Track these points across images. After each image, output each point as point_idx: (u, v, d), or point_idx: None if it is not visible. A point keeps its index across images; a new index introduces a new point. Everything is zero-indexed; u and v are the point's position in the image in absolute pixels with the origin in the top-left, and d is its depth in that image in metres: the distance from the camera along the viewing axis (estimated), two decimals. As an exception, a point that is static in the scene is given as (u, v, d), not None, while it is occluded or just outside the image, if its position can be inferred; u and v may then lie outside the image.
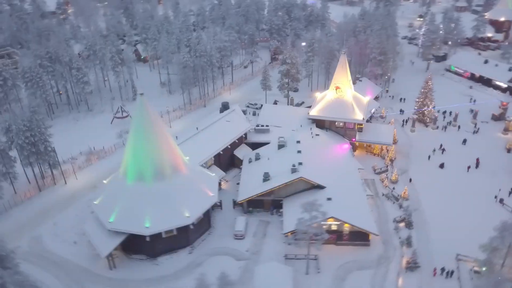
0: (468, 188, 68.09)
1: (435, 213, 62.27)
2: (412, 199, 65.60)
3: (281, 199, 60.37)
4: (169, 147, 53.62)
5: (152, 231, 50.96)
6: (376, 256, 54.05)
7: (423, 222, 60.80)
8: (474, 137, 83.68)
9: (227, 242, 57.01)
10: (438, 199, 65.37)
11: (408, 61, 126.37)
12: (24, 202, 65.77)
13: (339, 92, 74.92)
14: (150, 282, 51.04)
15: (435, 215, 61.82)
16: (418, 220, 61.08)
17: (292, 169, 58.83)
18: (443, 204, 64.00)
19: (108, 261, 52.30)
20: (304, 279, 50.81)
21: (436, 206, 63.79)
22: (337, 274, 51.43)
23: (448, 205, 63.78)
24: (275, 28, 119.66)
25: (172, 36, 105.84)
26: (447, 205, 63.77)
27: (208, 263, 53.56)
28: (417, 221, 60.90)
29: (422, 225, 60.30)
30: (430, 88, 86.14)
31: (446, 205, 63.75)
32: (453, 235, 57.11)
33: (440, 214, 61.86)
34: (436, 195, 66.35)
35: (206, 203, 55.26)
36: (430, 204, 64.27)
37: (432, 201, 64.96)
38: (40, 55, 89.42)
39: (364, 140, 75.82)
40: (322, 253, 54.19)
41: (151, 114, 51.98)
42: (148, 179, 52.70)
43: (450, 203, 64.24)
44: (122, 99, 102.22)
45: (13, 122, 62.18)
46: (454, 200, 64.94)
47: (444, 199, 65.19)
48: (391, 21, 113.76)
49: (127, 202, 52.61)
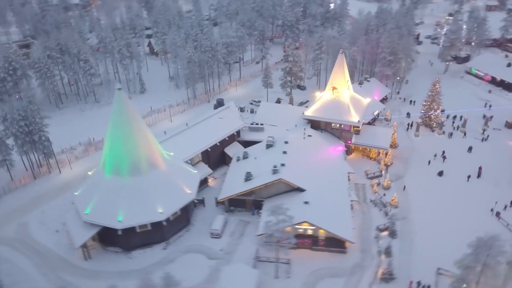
0: (465, 198, 64.70)
1: (424, 224, 59.54)
2: (402, 207, 63.06)
3: (262, 200, 59.55)
4: (146, 142, 53.86)
5: (124, 225, 51.54)
6: (351, 264, 52.36)
7: (409, 232, 58.33)
8: (482, 145, 79.40)
9: (203, 240, 56.87)
10: (430, 208, 62.50)
11: (426, 62, 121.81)
12: (18, 189, 68.18)
13: (335, 92, 72.89)
14: (121, 275, 51.61)
15: (423, 226, 59.13)
16: (404, 230, 58.68)
17: (273, 170, 57.84)
18: (435, 215, 61.14)
19: (83, 252, 53.37)
20: (272, 283, 49.94)
21: (427, 216, 60.98)
22: (308, 280, 50.20)
23: (439, 216, 60.84)
24: (288, 25, 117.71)
25: (181, 31, 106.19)
26: (439, 216, 60.83)
27: (180, 260, 53.68)
28: (403, 230, 58.53)
29: (407, 235, 57.85)
30: (438, 91, 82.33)
31: (437, 216, 60.85)
32: (438, 248, 54.55)
33: (429, 225, 59.10)
34: (429, 204, 63.45)
35: (182, 200, 55.23)
36: (420, 214, 61.55)
37: (423, 210, 62.19)
38: (50, 46, 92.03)
39: (360, 143, 73.51)
40: (296, 257, 53.30)
41: (128, 109, 52.35)
42: (124, 173, 53.25)
43: (442, 214, 61.25)
44: (130, 91, 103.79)
45: (9, 111, 64.23)
46: (447, 211, 61.87)
47: (437, 209, 62.24)
48: (407, 20, 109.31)
49: (103, 195, 53.44)
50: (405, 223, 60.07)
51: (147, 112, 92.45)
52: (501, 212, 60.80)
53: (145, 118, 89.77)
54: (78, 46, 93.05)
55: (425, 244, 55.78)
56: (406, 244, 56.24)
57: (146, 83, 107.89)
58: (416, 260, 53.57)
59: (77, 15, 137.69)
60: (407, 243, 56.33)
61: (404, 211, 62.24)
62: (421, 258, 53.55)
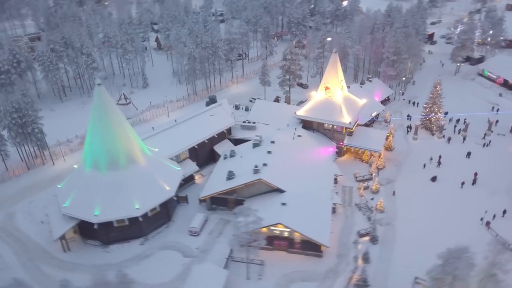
0: (456, 206, 62.42)
1: (408, 230, 57.75)
2: (388, 212, 61.42)
3: (244, 199, 59.11)
4: (125, 138, 54.17)
5: (100, 220, 52.13)
6: (326, 269, 51.36)
7: (391, 238, 56.77)
8: (482, 150, 76.53)
9: (181, 237, 56.92)
10: (417, 215, 60.60)
11: (438, 62, 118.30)
12: (11, 179, 70.00)
13: (328, 92, 71.50)
14: (96, 268, 51.96)
15: (407, 232, 57.37)
16: (386, 236, 57.19)
17: (254, 170, 57.28)
18: (421, 222, 59.19)
19: (62, 244, 54.29)
20: (242, 284, 49.57)
21: (413, 222, 59.09)
22: (279, 283, 49.56)
23: (426, 223, 58.88)
24: (294, 22, 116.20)
25: (185, 26, 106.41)
26: (425, 223, 58.86)
27: (156, 256, 53.96)
28: (385, 236, 57.06)
29: (389, 241, 56.31)
30: (439, 93, 79.64)
31: (424, 223, 58.87)
32: (419, 256, 52.28)
33: (413, 232, 57.26)
34: (417, 210, 61.57)
35: (160, 197, 55.38)
36: (406, 220, 59.78)
37: (410, 216, 60.35)
38: (54, 40, 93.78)
39: (352, 144, 71.97)
40: (271, 259, 52.83)
41: (108, 104, 52.68)
42: (103, 168, 53.79)
43: (429, 221, 59.28)
44: (132, 86, 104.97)
45: (2, 103, 65.83)
46: (435, 218, 59.83)
47: (424, 216, 60.28)
48: (416, 19, 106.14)
49: (82, 189, 54.18)
50: (389, 229, 58.52)
51: (147, 107, 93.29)
52: (491, 222, 58.36)
53: (143, 113, 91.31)
54: (81, 40, 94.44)
55: (406, 251, 54.14)
56: (387, 250, 54.77)
57: (150, 78, 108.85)
58: (395, 268, 52.11)
59: (90, 9, 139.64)
60: (387, 250, 54.86)
61: (390, 217, 60.62)
62: (400, 266, 52.05)
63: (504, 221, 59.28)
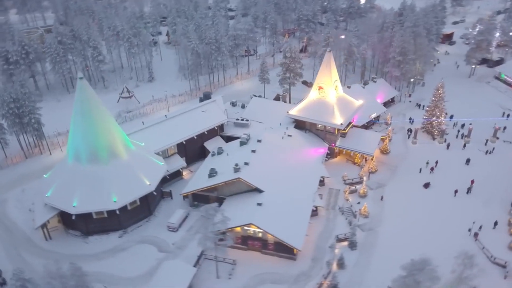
0: (446, 215, 60.15)
1: (391, 237, 56.08)
2: (373, 217, 59.83)
3: (224, 197, 58.90)
4: (107, 132, 54.82)
5: (78, 211, 53.13)
6: (297, 272, 50.55)
7: (372, 245, 55.27)
8: (484, 158, 73.25)
9: (160, 232, 57.33)
10: (403, 222, 58.70)
11: (453, 63, 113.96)
12: (9, 167, 72.37)
13: (321, 92, 70.09)
14: (71, 258, 52.65)
15: (389, 239, 55.72)
16: (367, 242, 55.73)
17: (234, 169, 56.90)
18: (406, 229, 57.28)
19: (43, 232, 55.71)
20: (212, 283, 49.50)
21: (397, 230, 57.33)
22: (248, 284, 49.19)
23: (411, 231, 56.92)
24: (304, 19, 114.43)
25: (191, 22, 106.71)
26: (410, 231, 56.90)
27: (132, 250, 54.61)
28: (365, 242, 55.62)
29: (369, 247, 54.84)
30: (441, 96, 76.66)
31: (408, 231, 56.93)
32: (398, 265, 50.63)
33: (396, 239, 55.52)
34: (404, 217, 59.63)
35: (139, 191, 55.87)
36: (390, 227, 58.07)
37: (395, 223, 58.58)
38: (62, 32, 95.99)
39: (344, 146, 70.37)
40: (244, 259, 52.59)
41: (90, 98, 53.39)
42: (84, 161, 54.72)
43: (415, 229, 57.28)
44: (138, 79, 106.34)
45: (0, 93, 68.02)
46: (422, 227, 57.76)
47: (410, 224, 58.31)
48: (429, 18, 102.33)
49: (64, 180, 55.35)
50: (371, 234, 57.01)
51: (148, 101, 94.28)
52: (479, 233, 55.86)
53: (144, 107, 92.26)
54: (88, 33, 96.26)
55: (385, 259, 52.40)
56: (365, 257, 53.38)
57: (158, 72, 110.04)
58: (370, 275, 50.75)
59: (106, 2, 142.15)
60: (365, 256, 53.46)
61: (374, 222, 59.02)
62: (376, 273, 50.60)
63: (495, 233, 56.74)
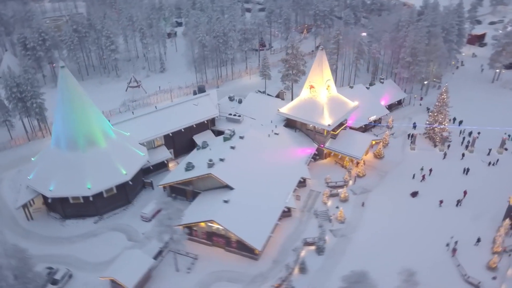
0: (428, 226, 57.09)
1: (364, 245, 54.10)
2: (349, 224, 57.96)
3: (199, 192, 59.18)
4: (86, 120, 56.44)
5: (53, 195, 55.36)
6: (256, 273, 50.02)
7: (341, 252, 53.55)
8: (486, 169, 68.79)
9: (133, 221, 58.54)
10: (380, 231, 56.38)
11: (478, 66, 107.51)
12: (12, 148, 76.44)
13: (312, 91, 68.41)
14: (46, 240, 55.72)
15: (362, 247, 53.75)
16: (337, 248, 54.10)
17: (208, 164, 56.94)
18: (382, 238, 55.01)
19: (25, 213, 58.53)
20: (170, 275, 50.04)
21: (372, 238, 55.21)
22: (204, 280, 49.31)
23: (387, 241, 54.60)
24: (320, 15, 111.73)
25: (204, 14, 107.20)
26: (386, 240, 54.60)
27: (103, 236, 56.21)
28: (336, 248, 54.02)
29: (338, 254, 53.18)
30: (445, 102, 72.55)
31: (384, 240, 54.65)
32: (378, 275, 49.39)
33: (368, 248, 53.50)
34: (382, 226, 57.22)
35: (114, 180, 57.27)
36: (365, 234, 55.96)
37: (372, 231, 56.39)
38: (78, 21, 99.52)
39: (332, 148, 68.52)
40: (207, 254, 52.87)
41: (71, 86, 55.11)
42: (63, 147, 56.79)
43: (391, 239, 54.88)
44: (150, 69, 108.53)
45: (4, 78, 71.75)
46: (399, 237, 55.15)
47: (388, 233, 55.89)
48: (449, 18, 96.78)
49: (45, 164, 57.81)
50: (343, 241, 55.28)
51: (155, 91, 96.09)
52: (457, 249, 52.74)
53: (150, 97, 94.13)
54: (103, 22, 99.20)
55: (351, 267, 49.97)
56: (330, 263, 51.85)
57: (171, 63, 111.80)
58: (331, 283, 49.07)
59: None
60: (331, 263, 51.92)
61: (349, 229, 57.17)
62: (338, 281, 48.94)
63: (476, 250, 53.35)
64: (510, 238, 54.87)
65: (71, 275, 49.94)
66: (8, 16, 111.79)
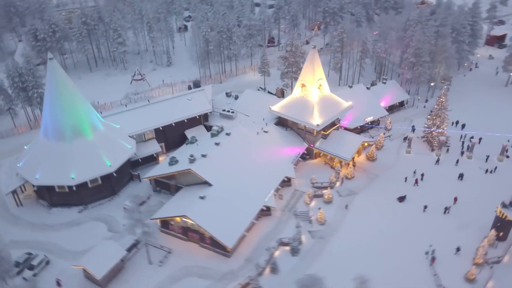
0: (410, 233, 55.61)
1: (341, 249, 53.28)
2: (329, 226, 57.15)
3: (181, 186, 59.67)
4: (73, 111, 57.70)
5: (39, 183, 57.07)
6: (226, 270, 50.14)
7: (317, 254, 52.92)
8: (483, 177, 66.23)
9: (116, 212, 59.48)
10: (360, 235, 55.29)
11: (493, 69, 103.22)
12: (15, 135, 79.08)
13: (304, 90, 67.53)
14: (31, 226, 57.51)
15: (338, 251, 52.87)
16: (313, 250, 53.51)
17: (189, 159, 57.30)
18: (361, 242, 53.94)
19: (14, 199, 60.62)
20: (143, 267, 50.81)
21: (351, 241, 54.26)
22: (174, 274, 49.82)
23: (365, 245, 53.49)
24: (329, 12, 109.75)
25: (212, 9, 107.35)
26: (365, 245, 53.47)
27: (85, 225, 57.55)
28: (312, 250, 53.45)
29: (313, 256, 52.59)
30: (444, 105, 70.17)
31: (363, 244, 53.52)
32: (335, 278, 48.33)
33: (345, 251, 52.69)
34: (363, 230, 56.08)
35: (98, 171, 58.45)
36: (345, 237, 55.10)
37: (352, 235, 55.45)
38: (88, 14, 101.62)
39: (322, 148, 67.54)
40: (181, 249, 53.41)
41: (58, 78, 56.46)
42: (50, 136, 58.35)
43: (370, 244, 53.78)
44: (157, 63, 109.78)
45: (7, 67, 74.29)
46: (379, 242, 53.90)
47: (368, 237, 54.76)
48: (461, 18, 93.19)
49: (34, 153, 59.65)
50: (320, 243, 54.60)
51: (158, 84, 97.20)
52: (436, 258, 51.14)
53: (153, 90, 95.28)
54: (111, 15, 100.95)
55: (324, 270, 49.72)
56: (303, 265, 51.28)
57: (179, 57, 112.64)
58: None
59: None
60: (304, 264, 51.37)
61: (328, 231, 56.38)
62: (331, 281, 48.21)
63: (457, 260, 51.62)
64: (496, 250, 52.96)
65: (48, 261, 51.45)
66: (23, 8, 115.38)
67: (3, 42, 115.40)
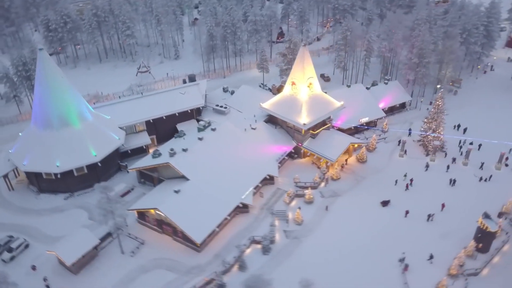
0: (389, 239, 54.27)
1: (315, 251, 52.84)
2: (305, 226, 56.60)
3: (164, 179, 60.43)
4: (60, 101, 59.30)
5: (26, 169, 59.22)
6: (194, 264, 50.74)
7: (288, 254, 52.64)
8: (476, 185, 63.66)
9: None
10: (336, 238, 54.63)
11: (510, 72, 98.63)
12: (19, 122, 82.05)
13: (293, 88, 66.75)
14: (19, 210, 59.92)
15: (310, 253, 52.49)
16: (286, 249, 53.29)
17: (169, 153, 57.92)
18: (336, 245, 53.35)
19: (6, 183, 63.14)
20: (115, 257, 52.03)
21: (326, 244, 53.73)
22: (144, 265, 50.81)
23: (340, 249, 52.88)
24: (340, 9, 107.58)
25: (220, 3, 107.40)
26: (339, 249, 52.83)
27: (68, 213, 59.40)
28: (284, 250, 53.23)
29: (284, 256, 52.36)
30: (440, 109, 67.75)
31: (337, 248, 52.88)
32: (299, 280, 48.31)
33: (318, 254, 52.21)
34: (340, 233, 55.40)
35: (83, 160, 60.00)
36: (320, 240, 54.51)
37: (327, 238, 54.82)
38: (98, 6, 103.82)
39: (309, 148, 66.67)
40: (154, 241, 54.34)
41: (47, 68, 58.13)
42: (39, 125, 60.31)
43: (344, 247, 53.10)
44: (165, 56, 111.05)
45: (11, 57, 77.15)
46: (354, 247, 53.10)
47: (344, 241, 54.01)
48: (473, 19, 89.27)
49: (25, 140, 61.89)
50: (294, 243, 54.22)
51: (162, 77, 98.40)
52: (408, 265, 49.73)
53: (156, 83, 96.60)
54: (120, 8, 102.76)
55: (292, 271, 49.60)
56: (273, 264, 51.21)
57: (187, 50, 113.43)
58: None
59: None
60: (274, 263, 51.26)
61: (304, 232, 55.88)
62: (278, 283, 48.13)
63: (431, 269, 50.14)
64: (475, 262, 50.95)
65: (27, 245, 53.44)
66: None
67: (22, 32, 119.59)
